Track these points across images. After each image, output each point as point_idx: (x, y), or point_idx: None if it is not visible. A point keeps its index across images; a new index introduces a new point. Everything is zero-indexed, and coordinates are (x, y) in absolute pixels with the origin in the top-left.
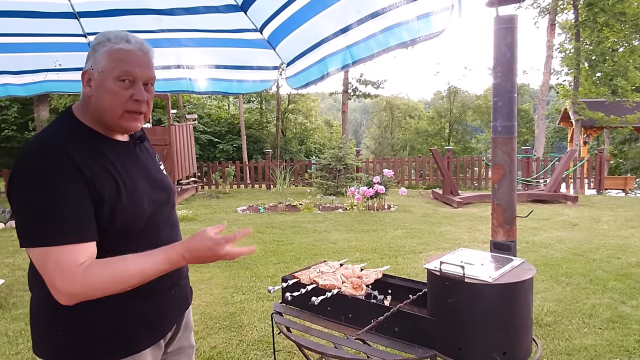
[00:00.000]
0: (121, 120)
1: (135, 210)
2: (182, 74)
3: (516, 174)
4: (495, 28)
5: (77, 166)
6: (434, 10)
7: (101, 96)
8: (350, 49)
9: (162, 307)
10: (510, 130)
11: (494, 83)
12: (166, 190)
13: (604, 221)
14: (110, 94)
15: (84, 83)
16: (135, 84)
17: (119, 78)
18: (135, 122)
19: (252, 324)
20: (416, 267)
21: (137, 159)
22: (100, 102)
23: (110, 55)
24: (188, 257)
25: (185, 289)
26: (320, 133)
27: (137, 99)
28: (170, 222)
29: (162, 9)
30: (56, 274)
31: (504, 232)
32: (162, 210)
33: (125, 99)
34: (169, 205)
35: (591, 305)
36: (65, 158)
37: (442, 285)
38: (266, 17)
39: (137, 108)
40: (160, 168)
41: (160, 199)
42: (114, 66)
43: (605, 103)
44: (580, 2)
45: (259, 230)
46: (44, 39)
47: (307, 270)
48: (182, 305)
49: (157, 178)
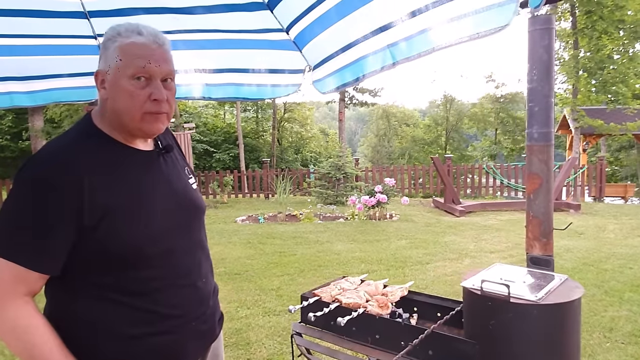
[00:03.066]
0: (142, 124)
1: (146, 231)
2: (199, 79)
3: (553, 184)
4: (531, 29)
5: (75, 182)
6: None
7: (117, 98)
8: (391, 48)
9: (180, 342)
10: (548, 137)
11: (529, 87)
12: (190, 209)
13: (609, 230)
14: (126, 95)
15: (98, 85)
16: (153, 81)
17: (134, 76)
18: (157, 124)
19: (259, 341)
20: (425, 279)
21: (158, 171)
22: (117, 104)
23: (122, 50)
24: None
25: (212, 319)
26: (316, 142)
27: (157, 99)
28: (194, 245)
29: (180, 7)
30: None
31: (541, 246)
32: (185, 232)
33: (142, 99)
34: (194, 226)
35: (610, 318)
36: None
37: (483, 305)
38: (294, 16)
39: (158, 109)
40: (188, 182)
41: (182, 219)
42: (127, 63)
43: (607, 111)
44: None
45: (260, 241)
46: (50, 41)
47: (327, 287)
48: (206, 338)
49: (181, 194)
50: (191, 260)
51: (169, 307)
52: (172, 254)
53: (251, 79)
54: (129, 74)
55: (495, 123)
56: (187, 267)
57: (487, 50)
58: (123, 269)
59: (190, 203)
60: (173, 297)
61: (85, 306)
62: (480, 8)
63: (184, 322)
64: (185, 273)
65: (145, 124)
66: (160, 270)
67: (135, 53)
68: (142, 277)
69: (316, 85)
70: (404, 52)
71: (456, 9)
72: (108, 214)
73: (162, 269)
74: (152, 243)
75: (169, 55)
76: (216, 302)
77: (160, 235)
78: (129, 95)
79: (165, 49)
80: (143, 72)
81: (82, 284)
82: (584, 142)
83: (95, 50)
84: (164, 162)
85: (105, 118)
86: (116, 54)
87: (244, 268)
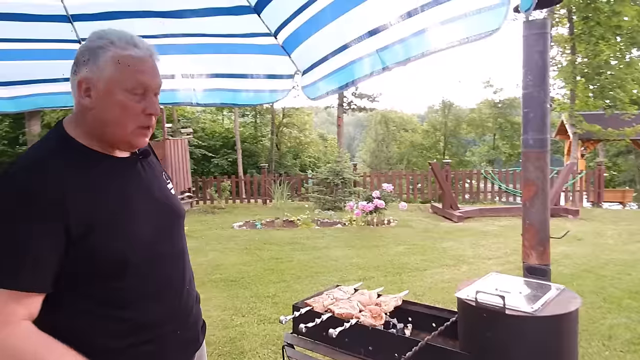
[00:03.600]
0: (131, 137)
1: (131, 240)
2: (186, 85)
3: (549, 191)
4: (526, 34)
5: (56, 198)
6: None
7: (107, 109)
8: (381, 53)
9: (164, 352)
10: (543, 143)
11: (524, 93)
12: (171, 215)
13: (608, 235)
14: (120, 108)
15: (80, 93)
16: (147, 95)
17: (132, 90)
18: (144, 138)
19: (253, 350)
20: (422, 286)
21: (138, 178)
22: (106, 115)
23: (119, 62)
24: None
25: (195, 327)
26: (314, 147)
27: (151, 113)
28: (176, 252)
29: (165, 11)
30: None
31: (537, 255)
32: (167, 239)
33: (137, 112)
34: (174, 232)
35: (609, 326)
36: (42, 192)
37: (477, 316)
38: (282, 19)
39: (149, 123)
40: (167, 187)
41: (163, 225)
42: (126, 76)
43: (605, 116)
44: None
45: (256, 247)
46: (33, 45)
47: (320, 296)
48: (189, 347)
49: (161, 200)
50: (175, 267)
51: (153, 315)
52: (156, 262)
53: (240, 85)
54: (126, 87)
55: (493, 128)
56: (170, 274)
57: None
58: (106, 280)
59: (170, 208)
60: (157, 306)
61: (66, 320)
62: (470, 12)
63: (169, 330)
64: (169, 281)
65: (134, 137)
66: (145, 279)
67: (135, 67)
68: (126, 287)
69: (305, 91)
70: (393, 56)
71: (446, 12)
72: (90, 226)
73: (146, 278)
74: (137, 252)
75: (158, 68)
76: (198, 310)
77: (144, 243)
78: (123, 108)
79: (157, 61)
80: (141, 87)
81: (66, 298)
82: (582, 148)
83: None
84: (142, 168)
85: (84, 127)
86: (111, 65)
87: (239, 275)
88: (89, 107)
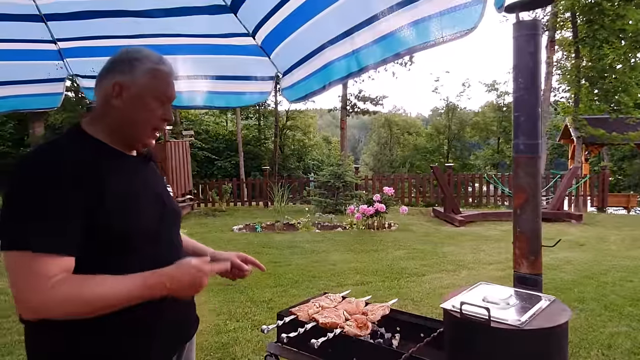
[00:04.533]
0: (146, 137)
1: (137, 220)
2: None
3: (540, 198)
4: (516, 35)
5: (78, 174)
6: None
7: (136, 110)
8: (357, 54)
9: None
10: (534, 149)
11: (515, 96)
12: (172, 213)
13: (611, 241)
14: (147, 111)
15: (113, 94)
16: (167, 104)
17: (158, 98)
18: (153, 140)
19: (245, 356)
20: (420, 291)
21: (145, 175)
22: (133, 115)
23: (154, 74)
24: (170, 286)
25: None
26: (318, 150)
27: (166, 119)
28: (174, 243)
29: (139, 11)
30: (23, 283)
31: (529, 264)
32: (166, 229)
33: (157, 117)
34: (174, 230)
35: (609, 335)
36: (66, 166)
37: (462, 328)
38: (259, 18)
39: (162, 127)
40: (167, 190)
41: (165, 217)
42: (157, 86)
43: (609, 120)
44: (579, 19)
45: (255, 250)
46: (5, 45)
47: (306, 304)
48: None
49: (162, 199)
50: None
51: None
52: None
53: (217, 87)
54: (155, 95)
55: (497, 132)
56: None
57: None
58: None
59: (171, 208)
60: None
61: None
62: (444, 10)
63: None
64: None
65: (148, 138)
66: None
67: (165, 80)
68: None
69: (285, 93)
70: (369, 57)
71: (420, 11)
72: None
73: (147, 257)
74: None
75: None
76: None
77: (149, 225)
78: (150, 111)
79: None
80: (166, 97)
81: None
82: (586, 152)
83: (55, 55)
84: (149, 168)
85: (105, 125)
86: (147, 75)
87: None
88: (118, 107)
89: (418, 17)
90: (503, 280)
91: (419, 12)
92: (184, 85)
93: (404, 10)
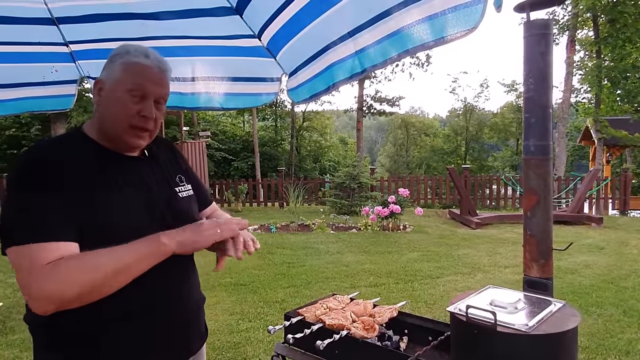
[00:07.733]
0: (124, 135)
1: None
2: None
3: (551, 200)
4: (526, 35)
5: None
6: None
7: (109, 105)
8: (359, 55)
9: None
10: (545, 150)
11: (526, 97)
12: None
13: (632, 245)
14: (118, 104)
15: (95, 92)
16: (146, 100)
17: (130, 91)
18: (139, 140)
19: (257, 356)
20: (433, 294)
21: (137, 175)
22: (107, 111)
23: (126, 67)
24: (179, 237)
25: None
26: (335, 151)
27: (144, 115)
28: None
29: (147, 13)
30: (27, 276)
31: (539, 268)
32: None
33: (132, 112)
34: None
35: (627, 341)
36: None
37: (468, 333)
38: (264, 20)
39: (143, 124)
40: (173, 190)
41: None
42: (128, 78)
43: (630, 121)
44: (601, 18)
45: (269, 251)
46: (18, 48)
47: (314, 305)
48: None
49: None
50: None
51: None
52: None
53: (224, 88)
54: (127, 88)
55: (516, 133)
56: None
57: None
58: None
59: (177, 208)
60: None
61: None
62: (445, 10)
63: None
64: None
65: (128, 136)
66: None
67: (138, 71)
68: None
69: (290, 94)
70: (371, 58)
71: (420, 11)
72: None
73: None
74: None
75: (167, 81)
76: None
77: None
78: (121, 105)
79: (166, 75)
80: (139, 89)
81: None
82: (607, 154)
83: (67, 57)
84: (144, 168)
85: (96, 125)
86: (120, 69)
87: (250, 279)
88: (98, 104)
89: (419, 17)
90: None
91: (419, 12)
92: (188, 87)
93: (405, 10)
